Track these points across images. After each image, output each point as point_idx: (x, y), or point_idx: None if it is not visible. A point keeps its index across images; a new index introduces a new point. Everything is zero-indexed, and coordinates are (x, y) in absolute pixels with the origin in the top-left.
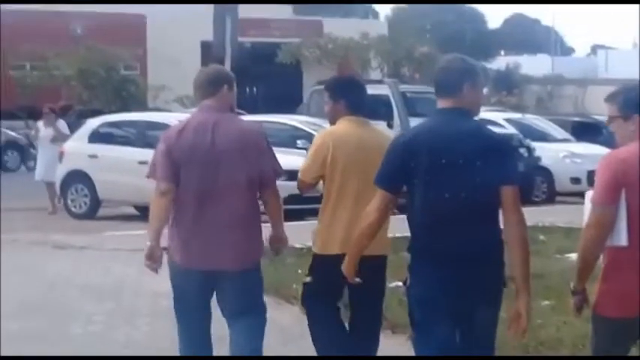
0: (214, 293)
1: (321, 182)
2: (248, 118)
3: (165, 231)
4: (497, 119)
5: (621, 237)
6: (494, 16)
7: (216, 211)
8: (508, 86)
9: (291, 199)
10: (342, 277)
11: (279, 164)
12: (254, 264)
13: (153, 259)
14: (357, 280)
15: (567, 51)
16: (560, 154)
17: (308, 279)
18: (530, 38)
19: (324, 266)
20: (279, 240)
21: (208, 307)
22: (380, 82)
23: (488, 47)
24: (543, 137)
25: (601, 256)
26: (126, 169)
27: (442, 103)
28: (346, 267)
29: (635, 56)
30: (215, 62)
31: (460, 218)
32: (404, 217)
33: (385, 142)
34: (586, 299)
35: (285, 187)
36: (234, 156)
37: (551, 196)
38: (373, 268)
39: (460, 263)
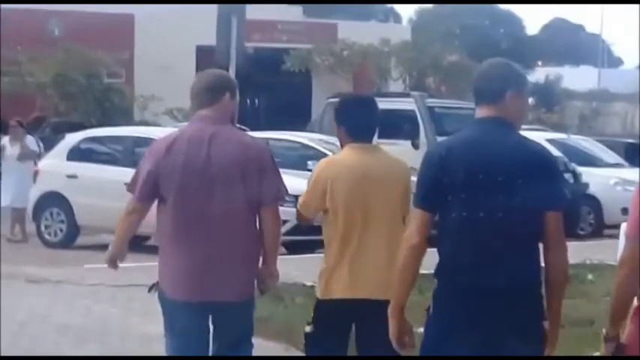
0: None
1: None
2: (251, 134)
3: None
4: (538, 140)
5: None
6: (532, 21)
7: (211, 236)
8: (548, 102)
9: (299, 229)
10: (346, 324)
11: (284, 184)
12: (251, 294)
13: (113, 265)
14: (407, 342)
15: (615, 62)
16: (610, 180)
17: (309, 328)
18: (572, 47)
19: (326, 313)
20: (269, 274)
21: (207, 346)
22: (405, 95)
23: (525, 56)
24: (591, 161)
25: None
26: (110, 192)
27: (481, 112)
28: (392, 319)
29: None
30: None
31: (495, 243)
32: (432, 250)
33: (399, 171)
34: (621, 347)
35: (294, 215)
36: (233, 173)
37: (599, 229)
38: (382, 314)
39: (491, 297)
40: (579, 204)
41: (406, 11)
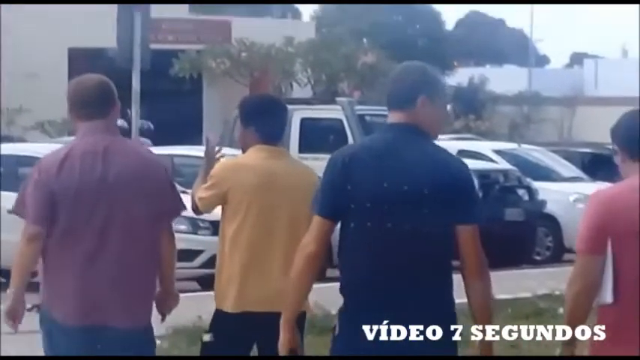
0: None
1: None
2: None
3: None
4: (484, 150)
5: (606, 293)
6: (452, 15)
7: (106, 257)
8: (474, 107)
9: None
10: (245, 338)
11: (181, 200)
12: (147, 320)
13: (16, 318)
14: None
15: (541, 61)
16: (569, 197)
17: (207, 337)
18: (493, 44)
19: (224, 325)
20: (168, 296)
21: None
22: (330, 101)
23: (447, 55)
24: (546, 175)
25: None
26: None
27: (392, 118)
28: (283, 330)
29: (627, 66)
30: (119, 74)
31: (404, 257)
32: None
33: (305, 179)
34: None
35: (211, 244)
36: (131, 190)
37: (559, 254)
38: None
39: (398, 314)
40: (535, 225)
41: (306, 6)
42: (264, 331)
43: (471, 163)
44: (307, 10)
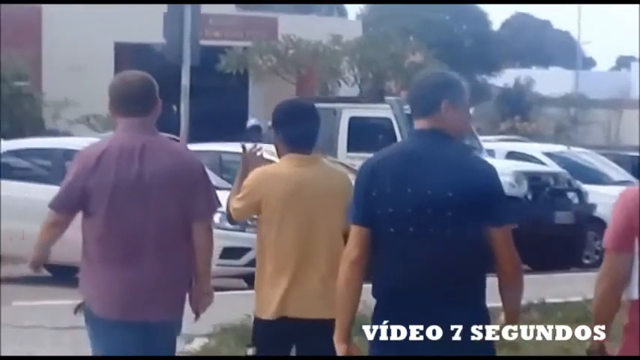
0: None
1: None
2: (197, 147)
3: None
4: (534, 152)
5: (634, 289)
6: (497, 16)
7: (144, 252)
8: (521, 109)
9: None
10: (285, 345)
11: (216, 197)
12: (180, 315)
13: (38, 268)
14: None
15: (587, 63)
16: None
17: (250, 351)
18: (540, 46)
19: (266, 334)
20: (202, 294)
21: None
22: (379, 100)
23: (493, 56)
24: (596, 178)
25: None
26: (35, 214)
27: (418, 125)
28: (339, 345)
29: None
30: (165, 70)
31: (428, 264)
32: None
33: (339, 184)
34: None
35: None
36: (166, 187)
37: None
38: (322, 335)
39: (428, 317)
40: (585, 228)
41: (352, 5)
42: (303, 337)
43: (521, 165)
44: (353, 9)
